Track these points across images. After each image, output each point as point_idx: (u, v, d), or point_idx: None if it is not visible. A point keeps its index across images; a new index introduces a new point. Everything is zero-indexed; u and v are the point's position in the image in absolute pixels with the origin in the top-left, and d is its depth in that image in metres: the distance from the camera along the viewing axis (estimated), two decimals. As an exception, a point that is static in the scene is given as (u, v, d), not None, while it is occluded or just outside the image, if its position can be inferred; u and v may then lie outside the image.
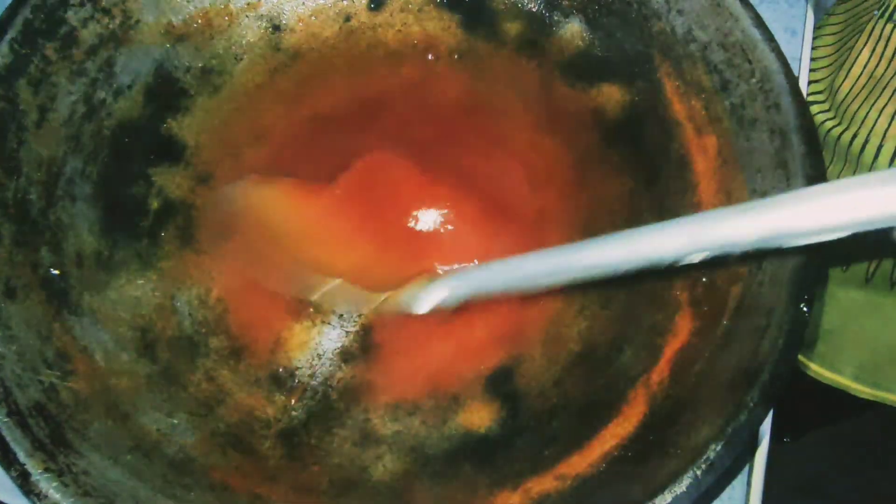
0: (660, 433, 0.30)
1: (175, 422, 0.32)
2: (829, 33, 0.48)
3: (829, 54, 0.47)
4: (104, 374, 0.31)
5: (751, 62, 0.34)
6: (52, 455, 0.27)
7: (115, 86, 0.37)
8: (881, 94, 0.41)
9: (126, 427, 0.30)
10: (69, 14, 0.35)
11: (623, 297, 0.35)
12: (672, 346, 0.33)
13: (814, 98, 0.47)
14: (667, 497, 0.26)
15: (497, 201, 0.38)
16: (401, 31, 0.42)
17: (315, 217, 0.37)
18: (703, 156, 0.36)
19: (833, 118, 0.46)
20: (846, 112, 0.44)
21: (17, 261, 0.31)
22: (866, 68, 0.42)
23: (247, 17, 0.40)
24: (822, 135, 0.46)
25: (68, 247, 0.33)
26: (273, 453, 0.32)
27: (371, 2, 0.42)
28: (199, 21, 0.39)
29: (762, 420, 0.28)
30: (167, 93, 0.38)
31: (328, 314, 0.36)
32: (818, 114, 0.47)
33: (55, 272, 0.32)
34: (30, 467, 0.26)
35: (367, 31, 0.42)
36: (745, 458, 0.36)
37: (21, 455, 0.26)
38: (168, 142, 0.38)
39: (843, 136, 0.44)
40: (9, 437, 0.26)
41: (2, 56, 0.32)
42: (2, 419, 0.27)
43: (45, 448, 0.27)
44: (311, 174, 0.39)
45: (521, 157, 0.40)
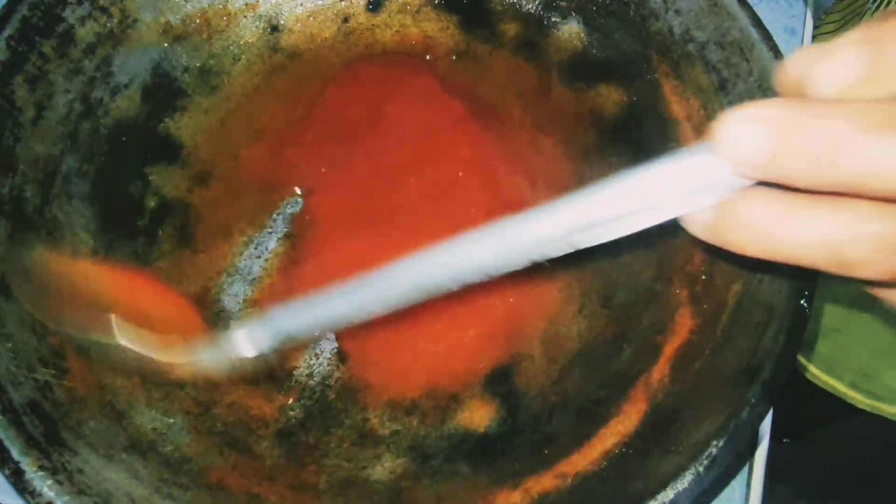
0: (661, 430, 0.30)
1: (171, 421, 0.31)
2: (827, 32, 0.48)
3: None
4: (99, 373, 0.31)
5: (749, 61, 0.34)
6: (47, 453, 0.26)
7: (112, 85, 0.36)
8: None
9: (121, 426, 0.30)
10: (67, 12, 0.35)
11: (623, 295, 0.35)
12: (672, 343, 0.33)
13: None
14: (669, 493, 0.26)
15: (495, 204, 0.38)
16: (399, 32, 0.42)
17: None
18: (702, 155, 0.36)
19: None
20: None
21: (13, 258, 0.31)
22: None
23: (245, 17, 0.40)
24: None
25: (64, 245, 0.33)
26: (270, 453, 0.32)
27: (369, 3, 0.42)
28: (198, 21, 0.39)
29: (763, 416, 0.28)
30: (165, 92, 0.38)
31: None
32: None
33: (51, 270, 0.32)
34: (24, 465, 0.26)
35: (366, 31, 0.42)
36: (745, 457, 0.36)
37: (15, 453, 0.26)
38: (165, 141, 0.38)
39: None
40: (2, 435, 0.26)
41: (-1, 53, 0.32)
42: (-4, 416, 0.26)
43: (39, 446, 0.26)
44: (310, 174, 0.39)
45: (520, 158, 0.40)
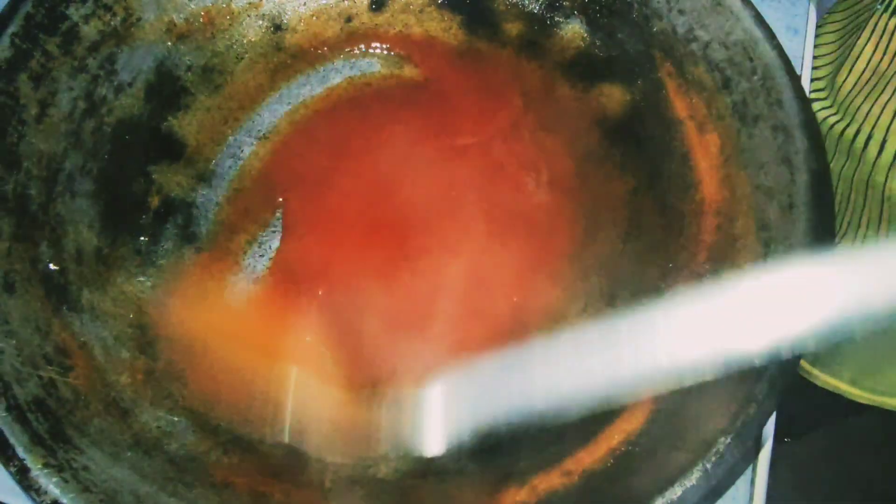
0: (667, 428, 0.29)
1: (176, 419, 0.31)
2: (830, 31, 0.48)
3: (831, 52, 0.47)
4: (103, 371, 0.31)
5: (752, 60, 0.34)
6: (52, 450, 0.26)
7: (116, 83, 0.36)
8: (884, 89, 0.41)
9: (126, 424, 0.30)
10: (71, 10, 0.34)
11: (627, 294, 0.35)
12: (677, 341, 0.32)
13: (815, 95, 0.47)
14: (676, 490, 0.26)
15: (500, 203, 0.38)
16: (402, 31, 0.42)
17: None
18: (706, 154, 0.36)
19: (835, 114, 0.46)
20: (849, 108, 0.44)
21: (17, 255, 0.31)
22: (870, 63, 0.42)
23: (248, 16, 0.40)
24: (824, 131, 0.46)
25: (68, 242, 0.33)
26: (275, 451, 0.32)
27: (372, 2, 0.42)
28: (201, 20, 0.39)
29: (770, 413, 0.28)
30: (168, 91, 0.38)
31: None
32: (820, 110, 0.47)
33: (54, 268, 0.32)
34: (29, 462, 0.26)
35: (369, 31, 0.42)
36: (752, 455, 0.36)
37: (20, 450, 0.26)
38: (168, 139, 0.38)
39: (847, 132, 0.44)
40: (7, 433, 0.26)
41: (2, 50, 0.32)
42: (1, 414, 0.26)
43: (44, 443, 0.26)
44: (312, 175, 0.39)
45: (523, 158, 0.40)
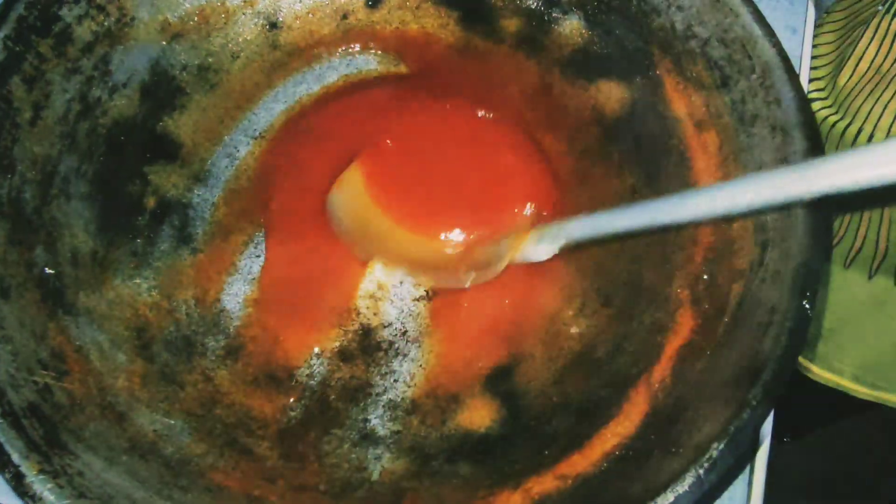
0: (661, 432, 0.29)
1: (172, 422, 0.31)
2: (829, 31, 0.47)
3: (830, 51, 0.47)
4: (100, 375, 0.31)
5: (751, 58, 0.33)
6: (47, 456, 0.26)
7: (110, 84, 0.36)
8: (886, 88, 0.41)
9: (122, 428, 0.30)
10: (64, 11, 0.34)
11: (623, 295, 0.35)
12: (673, 344, 0.32)
13: (815, 94, 0.47)
14: (669, 496, 0.26)
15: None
16: (398, 28, 0.42)
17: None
18: (704, 152, 0.35)
19: (835, 112, 0.45)
20: (850, 106, 0.44)
21: (12, 260, 0.31)
22: (872, 63, 0.42)
23: (243, 14, 0.40)
24: (825, 130, 0.46)
25: (63, 246, 0.33)
26: (271, 454, 0.32)
27: (368, -1, 0.42)
28: (196, 18, 0.39)
29: (765, 418, 0.28)
30: (163, 91, 0.38)
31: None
32: (820, 109, 0.46)
33: (50, 271, 0.32)
34: (24, 469, 0.26)
35: (365, 28, 0.42)
36: (746, 459, 0.36)
37: (15, 456, 0.26)
38: (164, 140, 0.38)
39: (848, 131, 0.44)
40: (3, 439, 0.26)
41: (-5, 53, 0.32)
42: (-4, 420, 0.26)
43: (39, 449, 0.27)
44: (307, 172, 0.39)
45: (520, 155, 0.39)
